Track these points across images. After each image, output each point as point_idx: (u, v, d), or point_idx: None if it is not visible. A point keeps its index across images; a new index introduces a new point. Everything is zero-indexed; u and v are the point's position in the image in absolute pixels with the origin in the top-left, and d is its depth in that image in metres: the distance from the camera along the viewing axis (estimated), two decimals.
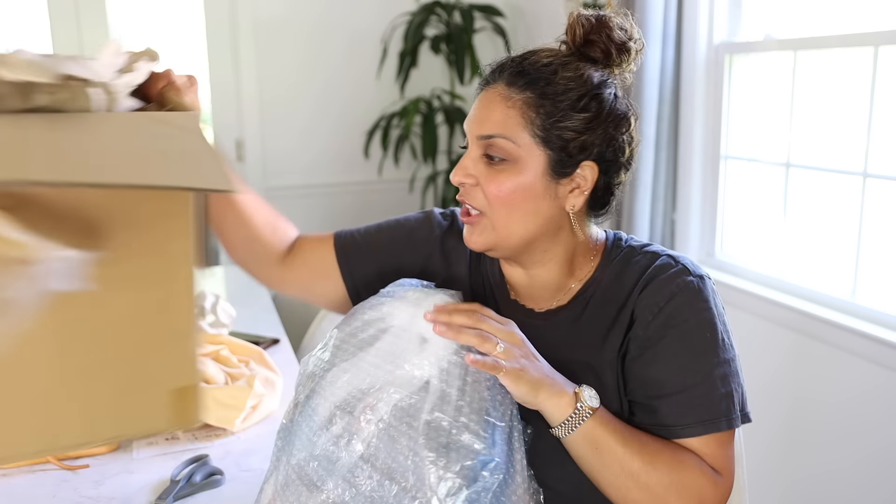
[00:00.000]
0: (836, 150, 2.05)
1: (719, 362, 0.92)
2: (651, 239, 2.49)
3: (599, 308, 0.97)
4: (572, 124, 0.91)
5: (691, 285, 0.93)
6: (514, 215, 0.93)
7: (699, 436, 0.90)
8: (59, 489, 1.13)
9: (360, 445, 0.81)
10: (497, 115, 0.92)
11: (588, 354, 0.96)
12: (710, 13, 2.33)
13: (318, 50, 3.36)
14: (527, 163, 0.91)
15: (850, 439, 1.93)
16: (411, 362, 0.83)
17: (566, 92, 0.91)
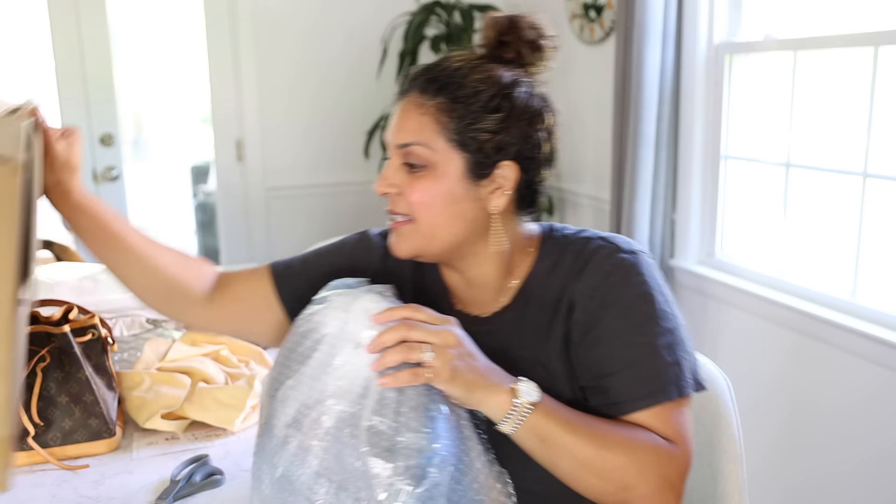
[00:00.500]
0: (836, 150, 2.05)
1: (661, 332, 0.92)
2: (651, 239, 2.49)
3: (540, 301, 0.98)
4: (486, 125, 0.92)
5: (624, 262, 0.94)
6: (439, 220, 0.94)
7: (650, 407, 0.90)
8: (59, 489, 1.13)
9: (314, 461, 0.81)
10: (412, 124, 0.93)
11: (535, 349, 0.97)
12: (710, 13, 2.33)
13: (318, 50, 3.36)
14: (445, 167, 0.93)
15: (851, 440, 1.93)
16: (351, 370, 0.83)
17: (477, 94, 0.92)
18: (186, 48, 3.78)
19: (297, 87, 3.37)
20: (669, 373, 0.91)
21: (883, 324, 1.86)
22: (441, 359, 0.82)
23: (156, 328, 1.72)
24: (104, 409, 1.24)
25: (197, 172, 4.84)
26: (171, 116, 4.93)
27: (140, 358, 1.50)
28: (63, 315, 1.29)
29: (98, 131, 3.25)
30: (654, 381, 0.90)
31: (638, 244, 0.99)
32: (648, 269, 0.95)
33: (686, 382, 0.92)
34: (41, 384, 1.20)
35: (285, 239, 3.46)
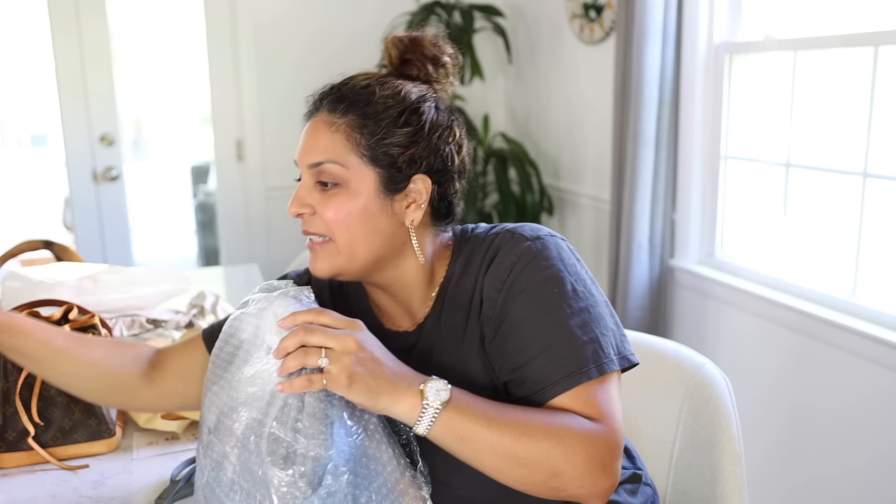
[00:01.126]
0: (836, 150, 2.05)
1: (573, 312, 0.90)
2: (651, 239, 2.49)
3: (454, 303, 0.97)
4: (396, 140, 0.93)
5: (529, 250, 0.93)
6: (356, 237, 0.93)
7: (570, 389, 0.88)
8: (59, 489, 1.13)
9: (230, 468, 0.81)
10: (322, 142, 0.93)
11: (453, 353, 0.96)
12: (710, 13, 2.33)
13: (318, 50, 3.36)
14: (358, 184, 0.93)
15: (851, 440, 1.93)
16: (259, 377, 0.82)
17: (386, 109, 0.93)
18: (186, 48, 3.78)
19: (296, 86, 3.37)
20: (586, 351, 0.88)
21: (883, 324, 1.86)
22: (338, 364, 0.80)
23: (156, 328, 1.72)
24: (104, 409, 1.24)
25: (197, 172, 4.84)
26: (171, 116, 4.93)
27: None
28: (63, 315, 1.29)
29: (98, 131, 3.25)
30: (570, 363, 0.88)
31: (546, 229, 0.97)
32: (556, 251, 0.94)
33: (607, 359, 0.89)
34: (41, 384, 1.20)
35: (285, 239, 3.46)
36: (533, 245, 0.93)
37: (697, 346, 2.41)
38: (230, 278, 2.47)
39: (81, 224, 3.34)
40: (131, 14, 3.67)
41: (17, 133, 6.90)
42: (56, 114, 3.23)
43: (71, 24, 3.14)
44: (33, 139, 6.98)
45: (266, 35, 3.29)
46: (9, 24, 4.59)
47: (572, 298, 0.91)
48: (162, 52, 4.16)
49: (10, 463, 1.19)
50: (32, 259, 2.15)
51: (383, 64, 1.01)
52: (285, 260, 3.32)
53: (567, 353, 0.88)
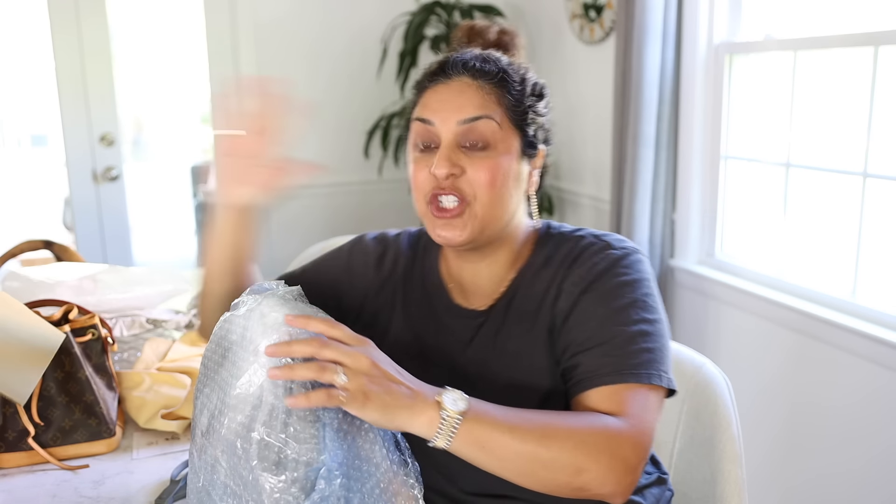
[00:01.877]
0: (836, 150, 2.05)
1: (639, 320, 0.92)
2: (651, 239, 2.49)
3: (528, 293, 1.00)
4: (533, 108, 0.99)
5: (613, 255, 0.97)
6: (499, 199, 0.96)
7: (612, 384, 0.88)
8: (59, 489, 1.13)
9: (221, 472, 0.81)
10: (476, 100, 0.95)
11: (520, 340, 0.98)
12: (710, 13, 2.33)
13: (318, 50, 3.36)
14: (506, 145, 0.96)
15: (850, 440, 1.93)
16: (246, 380, 0.81)
17: (523, 81, 0.99)
18: (186, 48, 3.78)
19: (296, 86, 3.37)
20: (640, 357, 0.90)
21: (883, 324, 1.86)
22: (354, 382, 0.78)
23: (156, 328, 1.72)
24: (104, 409, 1.24)
25: (197, 172, 4.85)
26: (171, 116, 4.93)
27: (140, 358, 1.50)
28: (63, 315, 1.29)
29: (98, 131, 3.25)
30: (621, 361, 0.90)
31: (632, 243, 1.00)
32: (637, 264, 0.97)
33: (655, 373, 0.90)
34: (41, 384, 1.20)
35: (285, 239, 3.46)
36: (617, 252, 0.97)
37: (697, 346, 2.41)
38: None
39: (81, 224, 3.34)
40: (131, 14, 3.67)
41: (17, 133, 6.90)
42: (56, 114, 3.22)
43: (71, 24, 3.13)
44: (33, 139, 6.98)
45: (266, 35, 3.29)
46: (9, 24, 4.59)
47: (641, 308, 0.93)
48: (162, 52, 4.16)
49: (10, 463, 1.19)
50: (32, 259, 2.15)
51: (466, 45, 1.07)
52: (285, 260, 3.31)
53: (621, 353, 0.90)
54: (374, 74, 3.39)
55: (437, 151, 0.96)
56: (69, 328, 1.25)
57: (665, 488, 1.07)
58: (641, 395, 0.89)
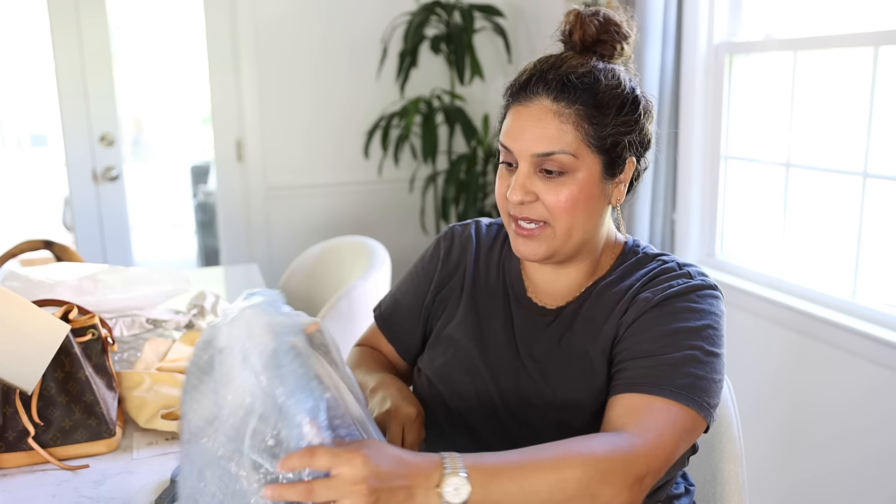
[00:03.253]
0: (836, 150, 2.05)
1: (695, 347, 0.92)
2: (651, 239, 2.49)
3: (600, 300, 1.01)
4: (621, 129, 0.96)
5: (691, 284, 0.97)
6: (577, 221, 0.97)
7: (647, 394, 0.89)
8: (59, 489, 1.13)
9: (212, 481, 0.81)
10: (552, 131, 0.94)
11: (584, 342, 0.99)
12: (710, 13, 2.33)
13: (318, 50, 3.36)
14: (586, 171, 0.96)
15: (851, 440, 1.93)
16: (234, 388, 0.81)
17: (612, 99, 0.96)
18: (186, 48, 3.78)
19: (297, 86, 3.37)
20: (685, 380, 0.90)
21: (883, 324, 1.86)
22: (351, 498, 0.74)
23: (156, 328, 1.72)
24: (104, 409, 1.24)
25: (197, 172, 4.85)
26: (171, 116, 4.93)
27: (140, 358, 1.50)
28: (63, 315, 1.29)
29: (98, 131, 3.25)
30: (664, 377, 0.90)
31: (714, 283, 1.00)
32: (712, 299, 0.97)
33: (697, 399, 0.90)
34: (41, 384, 1.20)
35: (285, 239, 3.46)
36: (696, 282, 0.97)
37: None
38: (230, 278, 2.47)
39: (81, 224, 3.34)
40: (131, 14, 3.68)
41: (17, 133, 6.90)
42: (56, 114, 3.22)
43: (71, 24, 3.13)
44: (33, 139, 6.98)
45: (266, 35, 3.29)
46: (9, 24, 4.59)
47: (701, 337, 0.93)
48: (162, 52, 4.16)
49: (10, 463, 1.19)
50: (32, 259, 2.14)
51: (561, 39, 1.02)
52: (285, 260, 3.32)
53: (667, 369, 0.90)
54: (374, 74, 3.39)
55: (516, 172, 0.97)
56: (69, 328, 1.24)
57: (691, 498, 1.09)
58: (671, 415, 0.88)
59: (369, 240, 2.24)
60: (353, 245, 2.27)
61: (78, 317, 1.30)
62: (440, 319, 1.13)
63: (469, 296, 1.10)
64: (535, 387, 0.99)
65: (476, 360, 1.05)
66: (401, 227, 3.51)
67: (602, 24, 0.98)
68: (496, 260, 1.12)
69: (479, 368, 1.05)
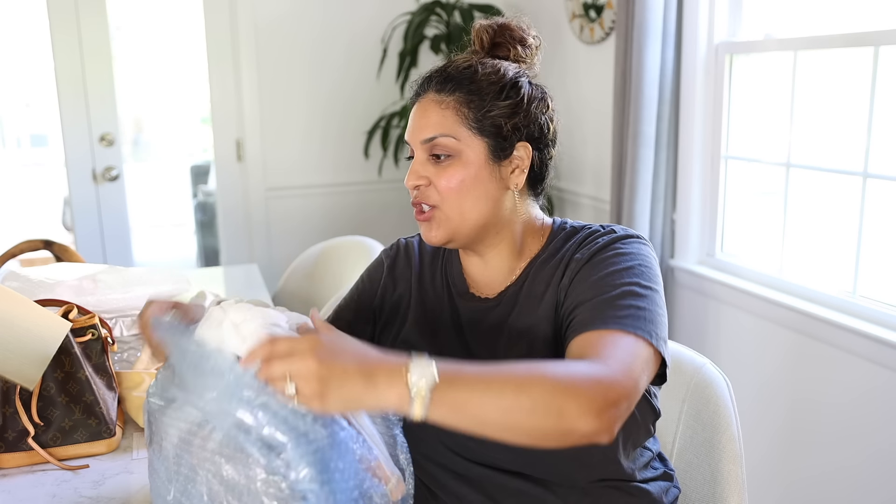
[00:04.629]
0: (836, 150, 2.05)
1: (631, 283, 0.97)
2: (651, 239, 2.49)
3: (538, 276, 1.06)
4: (500, 112, 1.03)
5: (614, 235, 1.04)
6: (466, 202, 1.03)
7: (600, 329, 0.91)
8: (59, 489, 1.13)
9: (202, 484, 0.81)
10: (434, 119, 1.04)
11: (528, 318, 1.04)
12: (710, 13, 2.33)
13: (318, 50, 3.36)
14: (469, 153, 1.03)
15: (850, 439, 1.93)
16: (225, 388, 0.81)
17: (489, 85, 1.04)
18: (186, 48, 3.78)
19: (297, 86, 3.37)
20: (627, 311, 0.93)
21: (883, 324, 1.86)
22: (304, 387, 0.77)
23: None
24: (104, 409, 1.24)
25: (197, 172, 4.85)
26: (171, 116, 4.93)
27: (140, 358, 1.50)
28: (63, 315, 1.29)
29: (98, 131, 3.25)
30: (608, 312, 0.93)
31: (638, 233, 1.07)
32: (637, 244, 1.04)
33: (643, 328, 0.92)
34: (41, 384, 1.20)
35: (285, 239, 3.46)
36: (619, 233, 1.05)
37: (697, 346, 2.41)
38: (230, 278, 2.47)
39: (81, 224, 3.34)
40: (131, 14, 3.68)
41: (17, 133, 6.90)
42: (56, 114, 3.22)
43: (71, 24, 3.14)
44: (33, 139, 6.98)
45: (266, 35, 3.29)
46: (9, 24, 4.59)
47: (634, 273, 0.99)
48: (162, 52, 4.16)
49: (10, 463, 1.19)
50: (32, 259, 2.15)
51: (473, 50, 1.13)
52: (285, 260, 3.32)
53: (609, 306, 0.94)
54: (374, 75, 3.39)
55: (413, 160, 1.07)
56: (70, 325, 1.24)
57: (671, 484, 1.09)
58: (627, 344, 0.90)
59: (369, 240, 2.24)
60: (353, 245, 2.27)
61: (78, 317, 1.30)
62: (393, 330, 1.17)
63: (417, 302, 1.15)
64: None
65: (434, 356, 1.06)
66: (401, 227, 3.51)
67: (496, 31, 1.11)
68: (439, 264, 1.18)
69: None
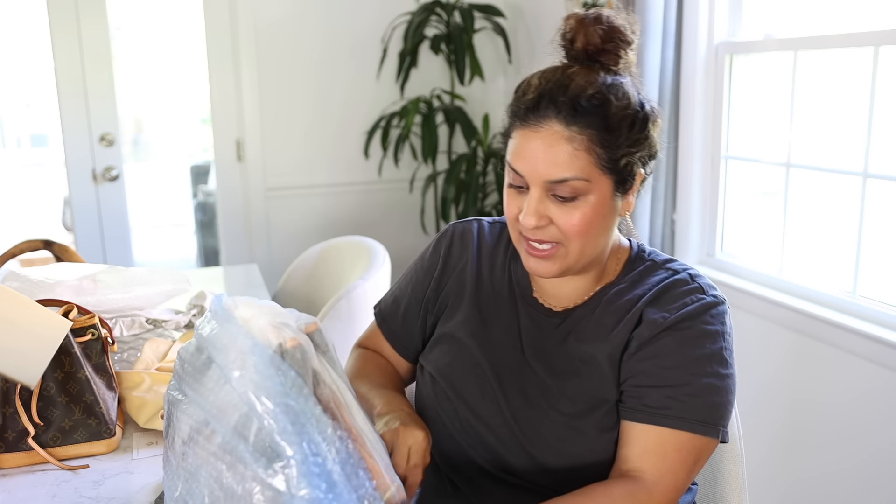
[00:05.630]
0: (836, 150, 2.05)
1: (713, 373, 0.95)
2: (651, 239, 2.49)
3: (611, 307, 1.02)
4: (631, 149, 0.96)
5: (703, 301, 0.99)
6: (590, 240, 0.97)
7: (671, 428, 0.93)
8: (59, 489, 1.13)
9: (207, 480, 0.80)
10: (564, 157, 0.92)
11: (593, 346, 1.00)
12: (710, 13, 2.33)
13: (318, 50, 3.35)
14: (598, 193, 0.95)
15: (851, 439, 1.93)
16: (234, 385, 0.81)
17: (622, 120, 0.94)
18: (186, 48, 3.78)
19: (297, 86, 3.37)
20: (705, 410, 0.94)
21: (883, 324, 1.86)
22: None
23: (156, 328, 1.72)
24: (104, 409, 1.24)
25: (197, 172, 4.85)
26: (171, 116, 4.93)
27: (140, 358, 1.50)
28: (63, 315, 1.29)
29: (98, 131, 3.25)
30: (687, 409, 0.93)
31: (719, 291, 1.02)
32: (723, 315, 0.99)
33: (715, 427, 0.94)
34: (41, 384, 1.20)
35: (285, 239, 3.46)
36: (709, 299, 0.99)
37: None
38: (230, 278, 2.47)
39: (81, 224, 3.34)
40: (131, 14, 3.68)
41: (17, 133, 6.90)
42: (56, 114, 3.22)
43: (71, 24, 3.13)
44: (33, 139, 6.98)
45: (266, 35, 3.29)
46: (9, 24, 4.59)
47: (718, 361, 0.96)
48: (162, 52, 4.16)
49: (10, 463, 1.19)
50: (32, 259, 2.15)
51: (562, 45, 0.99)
52: (285, 260, 3.32)
53: (690, 401, 0.93)
54: (374, 75, 3.39)
55: (528, 196, 0.96)
56: (71, 324, 1.24)
57: (691, 497, 1.10)
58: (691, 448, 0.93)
59: (369, 240, 2.24)
60: (352, 245, 2.27)
61: (78, 317, 1.30)
62: (443, 317, 1.13)
63: (472, 294, 1.10)
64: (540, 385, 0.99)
65: (479, 359, 1.05)
66: (401, 227, 3.51)
67: (606, 32, 0.95)
68: (501, 259, 1.12)
69: (482, 367, 1.05)
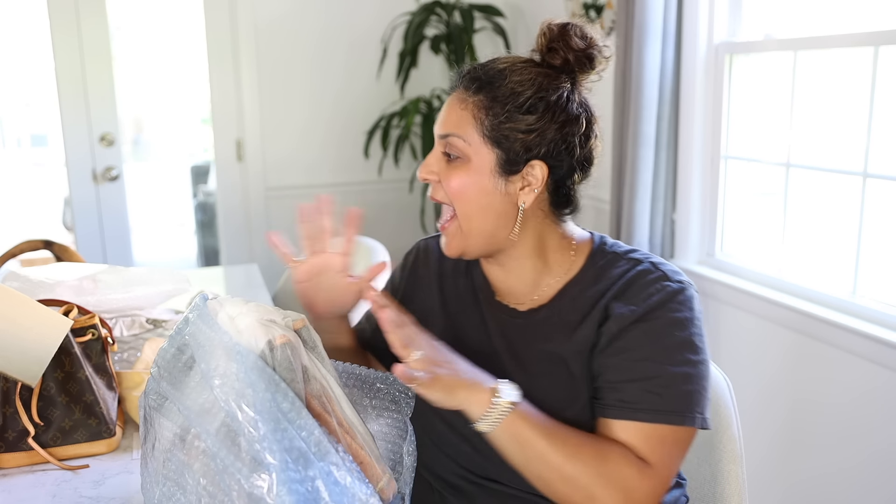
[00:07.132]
0: (836, 150, 2.05)
1: (685, 361, 0.95)
2: (651, 239, 2.49)
3: (574, 303, 1.02)
4: (518, 126, 0.96)
5: (669, 289, 0.98)
6: (471, 210, 0.99)
7: (647, 423, 0.92)
8: (59, 489, 1.13)
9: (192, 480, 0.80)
10: (453, 116, 0.99)
11: (559, 345, 1.00)
12: (710, 13, 2.33)
13: (318, 50, 3.36)
14: (477, 161, 0.98)
15: (851, 439, 1.93)
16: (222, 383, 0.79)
17: (513, 95, 0.97)
18: (186, 48, 3.78)
19: (297, 87, 3.37)
20: (680, 400, 0.93)
21: (883, 324, 1.86)
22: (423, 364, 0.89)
23: (156, 328, 1.72)
24: (104, 408, 1.24)
25: (197, 172, 4.85)
26: (171, 116, 4.93)
27: (140, 358, 1.50)
28: (63, 315, 1.29)
29: (98, 131, 3.25)
30: (662, 401, 0.92)
31: (685, 276, 1.02)
32: (690, 300, 0.99)
33: (692, 415, 0.93)
34: (41, 384, 1.20)
35: (285, 239, 3.46)
36: (674, 286, 0.98)
37: None
38: (230, 278, 2.47)
39: (81, 224, 3.34)
40: (131, 14, 3.68)
41: (17, 133, 6.90)
42: (56, 114, 3.22)
43: (71, 24, 3.14)
44: (33, 139, 6.98)
45: (266, 35, 3.29)
46: (9, 24, 4.59)
47: (689, 349, 0.96)
48: (162, 52, 4.16)
49: (10, 463, 1.19)
50: (32, 259, 2.14)
51: (533, 49, 1.04)
52: None
53: (663, 392, 0.93)
54: (374, 75, 3.39)
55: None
56: (72, 323, 1.24)
57: (682, 493, 1.09)
58: (672, 440, 0.93)
59: (369, 240, 2.24)
60: None
61: (78, 317, 1.30)
62: None
63: (441, 308, 1.13)
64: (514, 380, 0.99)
65: None
66: (401, 227, 3.51)
67: (554, 34, 0.99)
68: (463, 267, 1.14)
69: None
